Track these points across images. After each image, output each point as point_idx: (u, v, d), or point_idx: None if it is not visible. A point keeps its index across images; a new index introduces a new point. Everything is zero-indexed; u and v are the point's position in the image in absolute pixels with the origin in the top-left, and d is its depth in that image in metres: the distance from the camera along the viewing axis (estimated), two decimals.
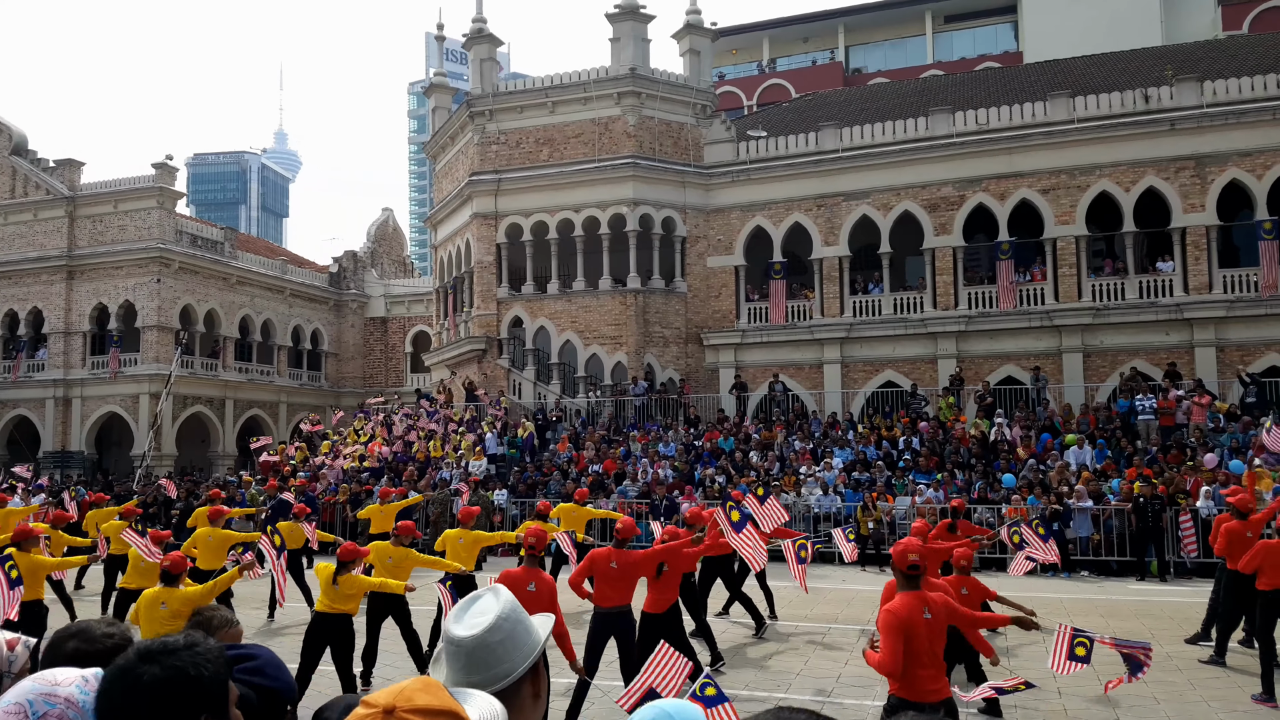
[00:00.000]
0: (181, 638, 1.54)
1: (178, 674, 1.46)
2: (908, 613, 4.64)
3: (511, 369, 27.69)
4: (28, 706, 1.59)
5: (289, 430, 41.63)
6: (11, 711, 1.59)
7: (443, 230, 31.27)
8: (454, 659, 1.71)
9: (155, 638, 1.56)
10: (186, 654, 1.49)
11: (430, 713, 1.27)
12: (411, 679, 1.36)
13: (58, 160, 37.86)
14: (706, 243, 27.62)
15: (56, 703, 1.59)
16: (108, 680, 1.48)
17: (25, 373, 36.67)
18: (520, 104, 27.51)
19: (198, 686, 1.47)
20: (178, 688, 1.46)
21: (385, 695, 1.28)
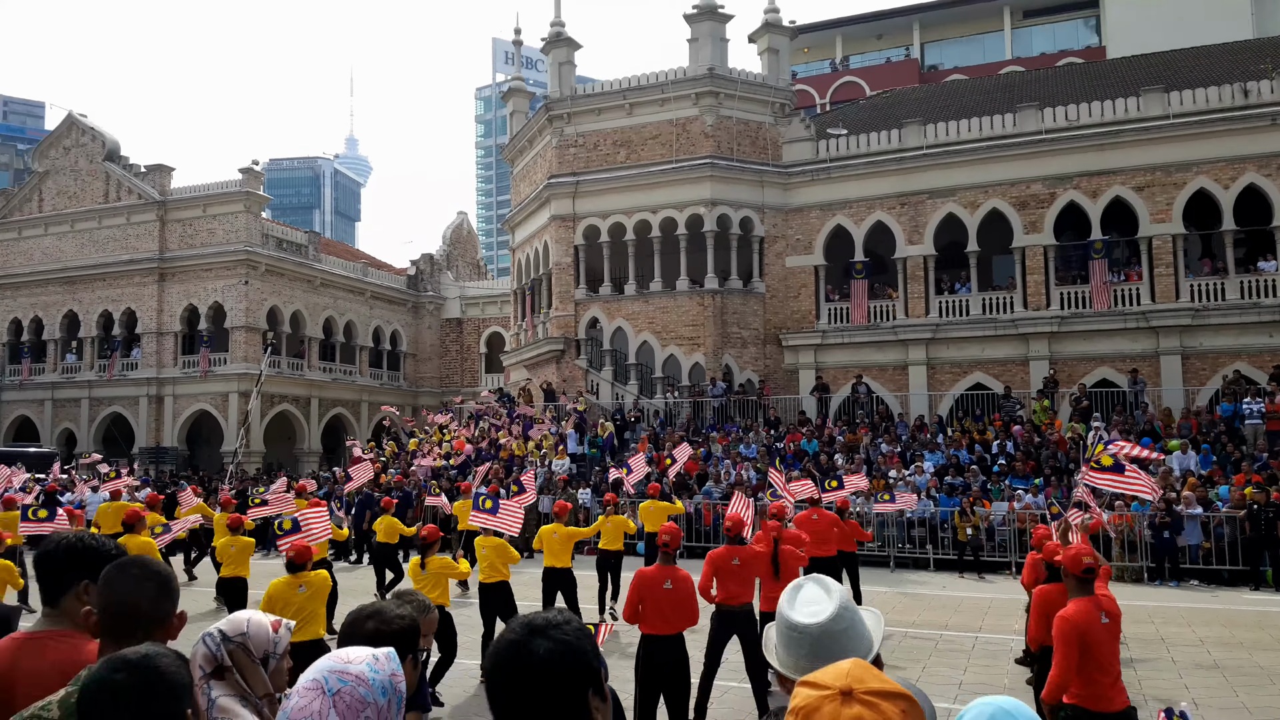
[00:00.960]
0: (555, 614, 1.54)
1: (567, 647, 1.46)
2: (1084, 619, 4.47)
3: (589, 369, 27.83)
4: (323, 683, 1.67)
5: (370, 428, 42.59)
6: (310, 688, 1.67)
7: (520, 233, 31.60)
8: (795, 645, 1.71)
9: (532, 613, 1.56)
10: (569, 628, 1.49)
11: (885, 695, 1.24)
12: (846, 660, 1.34)
13: (148, 166, 39.29)
14: (785, 242, 27.37)
15: (349, 680, 1.67)
16: (502, 654, 1.48)
17: (120, 372, 38.17)
18: (598, 106, 27.65)
19: (584, 660, 1.46)
20: (568, 661, 1.45)
21: (832, 677, 1.26)
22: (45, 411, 39.09)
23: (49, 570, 2.61)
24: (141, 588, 2.15)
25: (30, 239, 40.48)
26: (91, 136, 39.69)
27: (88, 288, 38.90)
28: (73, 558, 2.59)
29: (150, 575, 2.18)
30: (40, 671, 2.49)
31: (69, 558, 2.60)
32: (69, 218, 39.48)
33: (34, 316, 40.04)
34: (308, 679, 1.69)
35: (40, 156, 41.24)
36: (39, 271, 39.83)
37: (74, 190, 39.72)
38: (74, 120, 40.18)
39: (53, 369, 39.48)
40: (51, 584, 2.60)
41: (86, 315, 38.89)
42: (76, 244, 39.33)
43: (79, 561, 2.60)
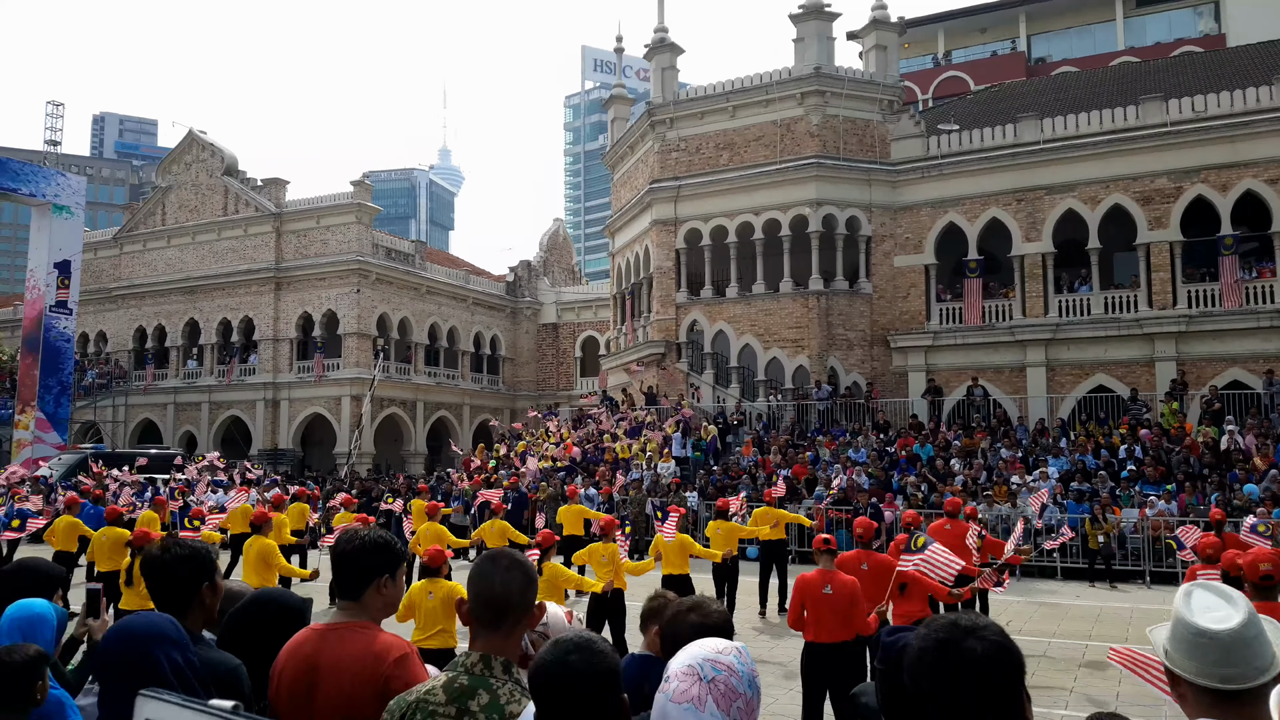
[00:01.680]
0: (970, 616, 1.50)
1: (1000, 649, 1.42)
2: None
3: (690, 373, 27.79)
4: (699, 669, 1.73)
5: (472, 431, 43.56)
6: (686, 673, 1.72)
7: (621, 238, 31.81)
8: (1204, 651, 1.67)
9: (956, 613, 1.53)
10: (994, 629, 1.46)
11: None
12: None
13: (264, 179, 41.06)
14: (893, 241, 26.81)
15: (722, 669, 1.73)
16: (935, 652, 1.45)
17: (238, 376, 39.95)
18: (700, 110, 27.63)
19: (1017, 662, 1.43)
20: (1003, 660, 1.41)
21: None
22: (168, 415, 41.20)
23: (351, 565, 2.71)
24: (511, 577, 2.22)
25: (154, 251, 42.78)
26: (211, 152, 41.72)
27: (208, 297, 40.87)
28: (374, 553, 2.70)
29: (517, 565, 2.25)
30: (341, 661, 2.59)
31: (371, 553, 2.70)
32: (190, 230, 41.58)
33: (157, 324, 42.28)
34: (681, 664, 1.74)
35: (163, 172, 43.56)
36: (162, 282, 42.05)
37: (195, 204, 41.81)
38: (194, 137, 42.31)
39: (175, 374, 41.59)
40: (353, 579, 2.71)
41: (207, 323, 40.86)
42: (197, 255, 41.38)
43: (380, 557, 2.70)
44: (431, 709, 2.14)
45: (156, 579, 2.87)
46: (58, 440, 31.31)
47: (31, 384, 31.00)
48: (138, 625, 2.39)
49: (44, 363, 31.00)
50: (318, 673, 2.61)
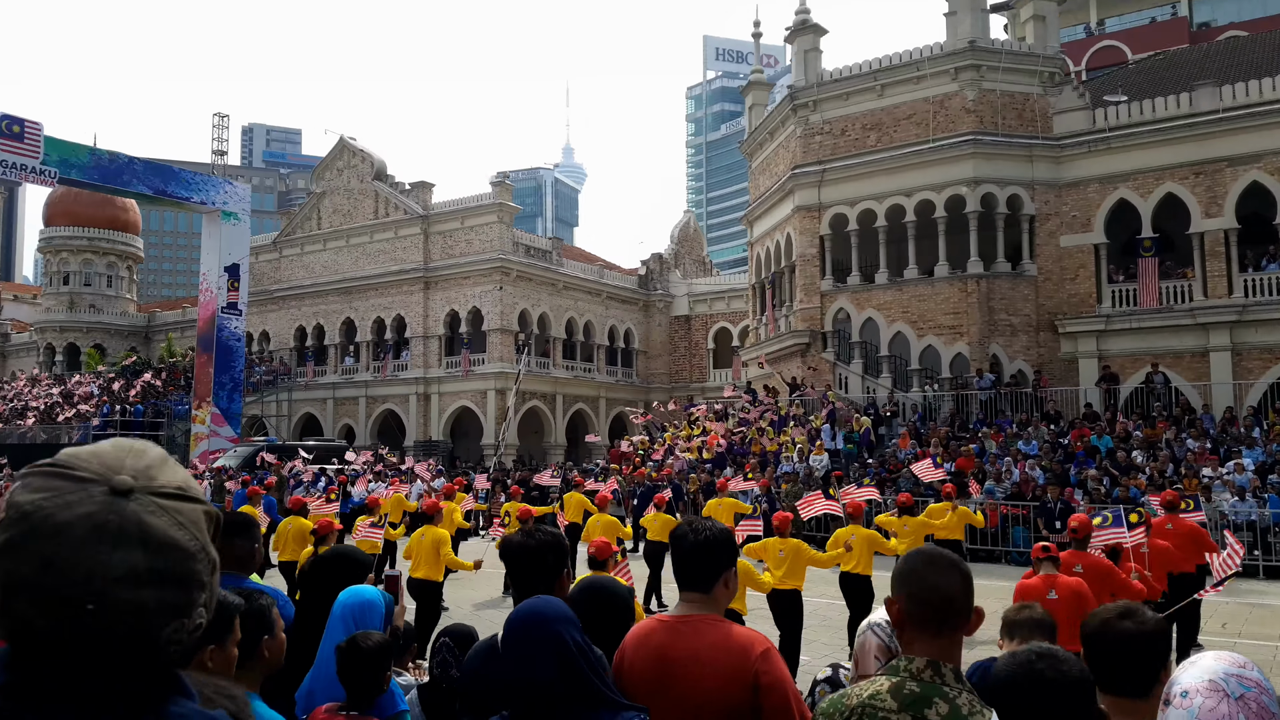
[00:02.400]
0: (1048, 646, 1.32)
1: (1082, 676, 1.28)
2: None
3: (837, 363, 27.10)
4: (1223, 684, 1.62)
5: (608, 423, 44.06)
6: (1209, 689, 1.61)
7: (759, 226, 31.34)
8: None
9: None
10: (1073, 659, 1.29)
11: None
12: None
13: (412, 183, 42.64)
14: (1059, 220, 25.33)
15: (1251, 685, 1.62)
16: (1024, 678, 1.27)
17: (392, 372, 41.71)
18: (846, 90, 26.85)
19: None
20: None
21: None
22: (328, 409, 43.42)
23: (703, 558, 2.66)
24: (951, 579, 2.05)
25: (311, 254, 45.14)
26: (361, 158, 43.64)
27: (362, 296, 42.82)
28: (725, 547, 2.67)
29: (954, 565, 2.09)
30: (699, 654, 2.52)
31: (723, 547, 2.67)
32: (344, 233, 43.64)
33: (316, 324, 44.61)
34: (1198, 679, 1.65)
35: (317, 178, 45.87)
36: (319, 283, 44.32)
37: (347, 208, 43.85)
38: (345, 143, 44.34)
39: (333, 370, 43.78)
40: (704, 571, 2.66)
41: (362, 321, 42.82)
42: (351, 257, 43.39)
43: (729, 551, 2.68)
44: (882, 715, 1.97)
45: (520, 564, 2.86)
46: (231, 434, 33.42)
47: (207, 381, 33.21)
48: (544, 607, 2.34)
49: (217, 361, 33.14)
50: (670, 664, 2.53)
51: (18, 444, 37.32)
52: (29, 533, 0.89)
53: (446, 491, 17.70)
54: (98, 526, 0.90)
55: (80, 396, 40.63)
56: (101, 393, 39.46)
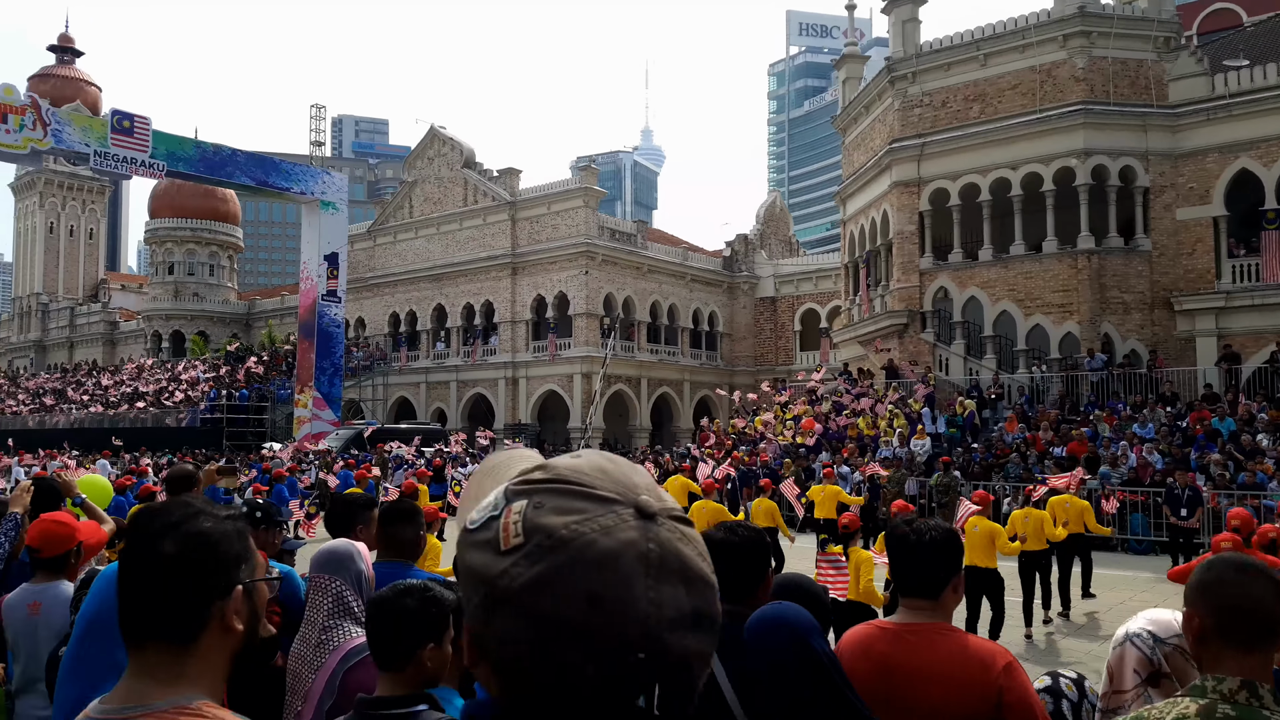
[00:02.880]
0: None
1: None
2: None
3: (937, 343, 26.32)
4: None
5: (693, 407, 43.90)
6: None
7: (853, 204, 30.59)
8: None
9: None
10: None
11: None
12: None
13: (500, 170, 43.06)
14: (1175, 192, 24.02)
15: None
16: None
17: (481, 357, 42.37)
18: (946, 61, 25.90)
19: None
20: None
21: None
22: (420, 393, 44.39)
23: (935, 562, 2.48)
24: (1265, 587, 1.81)
25: (403, 242, 46.09)
26: (451, 146, 44.26)
27: (453, 283, 43.54)
28: (953, 551, 2.47)
29: (1265, 572, 1.85)
30: (931, 666, 2.33)
31: (951, 550, 2.48)
32: (435, 221, 44.40)
33: (409, 310, 45.58)
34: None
35: (409, 167, 46.72)
36: (411, 270, 45.23)
37: (438, 196, 44.57)
38: (435, 132, 45.01)
39: (426, 355, 44.71)
40: (935, 575, 2.47)
41: (452, 307, 43.56)
42: (442, 244, 44.13)
43: (956, 555, 2.49)
44: None
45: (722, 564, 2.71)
46: (332, 417, 34.44)
47: (308, 366, 34.26)
48: (791, 616, 2.17)
49: (318, 347, 34.15)
50: (898, 677, 2.33)
51: (129, 427, 39.21)
52: (570, 564, 0.75)
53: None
54: (642, 556, 0.76)
55: (188, 382, 42.41)
56: (208, 378, 41.13)
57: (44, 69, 70.39)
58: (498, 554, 0.77)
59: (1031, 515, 11.19)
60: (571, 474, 0.81)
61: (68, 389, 49.59)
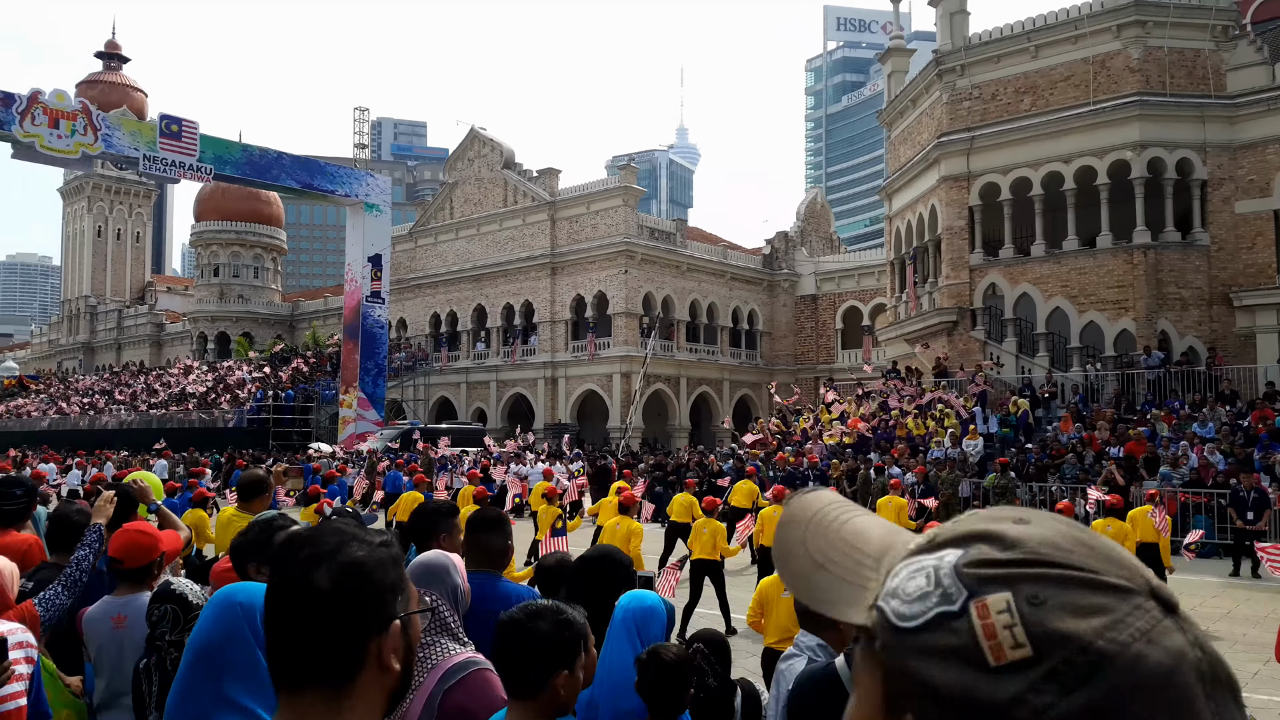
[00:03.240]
0: None
1: None
2: None
3: (988, 341, 25.80)
4: None
5: (732, 406, 43.60)
6: None
7: (899, 199, 30.12)
8: None
9: None
10: None
11: None
12: None
13: (539, 170, 43.11)
14: (1234, 185, 23.30)
15: None
16: None
17: (521, 357, 42.46)
18: (996, 53, 25.38)
19: None
20: None
21: None
22: (461, 393, 44.61)
23: None
24: None
25: (444, 243, 46.36)
26: (491, 147, 44.41)
27: (492, 283, 43.70)
28: None
29: None
30: None
31: None
32: (475, 222, 44.58)
33: (450, 310, 45.83)
34: None
35: (449, 169, 46.98)
36: (452, 271, 45.47)
37: (478, 197, 44.74)
38: (476, 134, 45.19)
39: (466, 355, 44.92)
40: None
41: (492, 307, 43.71)
42: (482, 245, 44.30)
43: None
44: None
45: None
46: (376, 417, 34.69)
47: (353, 367, 34.55)
48: None
49: (362, 347, 34.42)
50: None
51: (177, 428, 39.85)
52: (1124, 689, 0.54)
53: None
54: (1195, 669, 0.56)
55: (234, 383, 42.99)
56: (254, 379, 41.67)
57: (91, 75, 71.95)
58: (986, 671, 0.56)
59: (1114, 525, 10.76)
60: (1057, 552, 0.59)
61: (115, 390, 50.58)
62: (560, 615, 2.14)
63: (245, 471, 5.21)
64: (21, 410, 52.85)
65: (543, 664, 2.07)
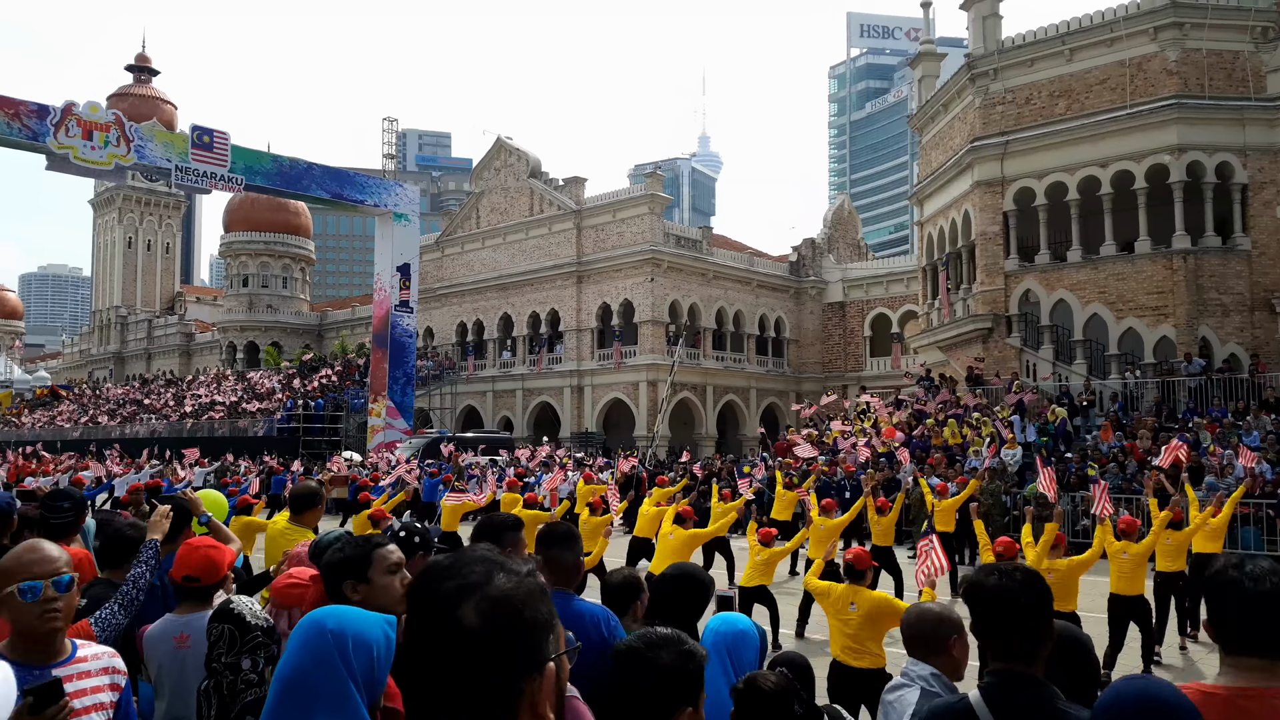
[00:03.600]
0: None
1: None
2: None
3: (1024, 348, 25.41)
4: None
5: (759, 415, 43.32)
6: None
7: (931, 205, 29.80)
8: None
9: None
10: None
11: None
12: None
13: (565, 179, 43.14)
14: (1275, 189, 22.83)
15: None
16: None
17: (547, 365, 42.41)
18: (1030, 56, 25.07)
19: None
20: None
21: None
22: (487, 401, 44.63)
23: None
24: None
25: (471, 252, 46.48)
26: (517, 156, 44.51)
27: (518, 292, 43.72)
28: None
29: None
30: None
31: None
32: (501, 231, 44.67)
33: (476, 319, 45.90)
34: None
35: (476, 178, 47.12)
36: (478, 280, 45.56)
37: (504, 206, 44.83)
38: (502, 143, 45.31)
39: (492, 364, 44.95)
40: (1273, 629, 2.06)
41: (518, 316, 43.74)
42: (508, 254, 44.37)
43: None
44: None
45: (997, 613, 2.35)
46: (404, 426, 34.74)
47: (382, 376, 34.63)
48: (1164, 694, 1.80)
49: (391, 356, 34.50)
50: None
51: (207, 437, 40.09)
52: None
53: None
54: None
55: (264, 392, 43.26)
56: (283, 388, 41.91)
57: (122, 88, 73.02)
58: None
59: (1173, 537, 10.37)
60: None
61: (146, 399, 51.07)
62: (683, 645, 1.98)
63: (298, 484, 5.08)
64: (54, 418, 53.51)
65: (666, 700, 1.90)
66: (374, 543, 2.65)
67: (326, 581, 2.62)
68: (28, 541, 2.61)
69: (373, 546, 2.62)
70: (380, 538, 2.76)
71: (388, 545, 2.68)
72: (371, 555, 2.59)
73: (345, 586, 2.55)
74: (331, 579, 2.61)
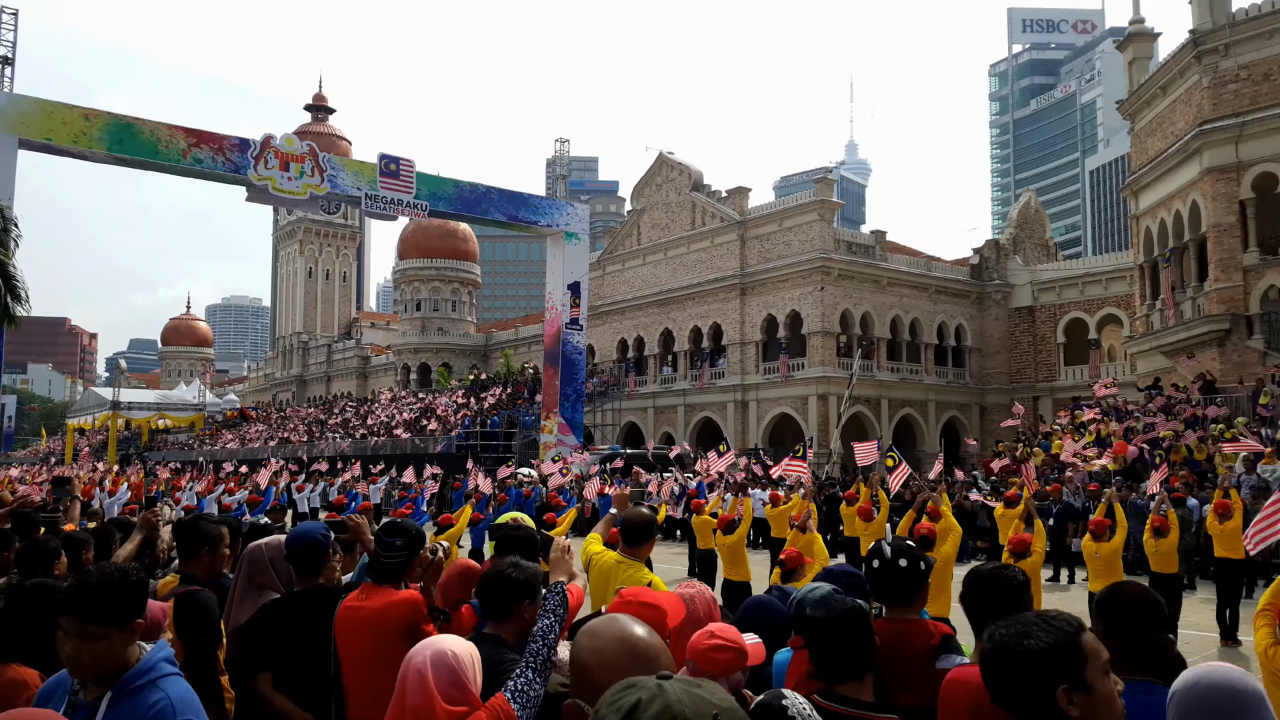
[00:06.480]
0: None
1: None
2: None
3: (1269, 351, 22.45)
4: None
5: (939, 429, 40.79)
6: None
7: (1148, 196, 27.03)
8: None
9: None
10: None
11: None
12: None
13: (729, 190, 42.26)
14: None
15: None
16: None
17: (709, 380, 41.52)
18: (1269, 28, 22.26)
19: None
20: None
21: None
22: (648, 418, 44.17)
23: None
24: None
25: (631, 269, 46.32)
26: (679, 171, 44.06)
27: (680, 307, 43.13)
28: None
29: None
30: None
31: None
32: (662, 247, 44.27)
33: (637, 335, 45.63)
34: None
35: (636, 195, 47.00)
36: (639, 296, 45.30)
37: (665, 222, 44.44)
38: (664, 159, 45.01)
39: (653, 380, 44.49)
40: None
41: (679, 331, 43.12)
42: (669, 269, 43.90)
43: None
44: None
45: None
46: (575, 442, 34.59)
47: (553, 393, 34.66)
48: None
49: (562, 374, 34.48)
50: None
51: (391, 454, 41.42)
52: None
53: None
54: None
55: (441, 411, 44.47)
56: (460, 406, 42.90)
57: (301, 127, 77.97)
58: None
59: None
60: None
61: (328, 419, 53.67)
62: None
63: (631, 510, 4.29)
64: (244, 438, 57.10)
65: None
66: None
67: None
68: None
69: None
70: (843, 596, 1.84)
71: None
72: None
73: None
74: None
